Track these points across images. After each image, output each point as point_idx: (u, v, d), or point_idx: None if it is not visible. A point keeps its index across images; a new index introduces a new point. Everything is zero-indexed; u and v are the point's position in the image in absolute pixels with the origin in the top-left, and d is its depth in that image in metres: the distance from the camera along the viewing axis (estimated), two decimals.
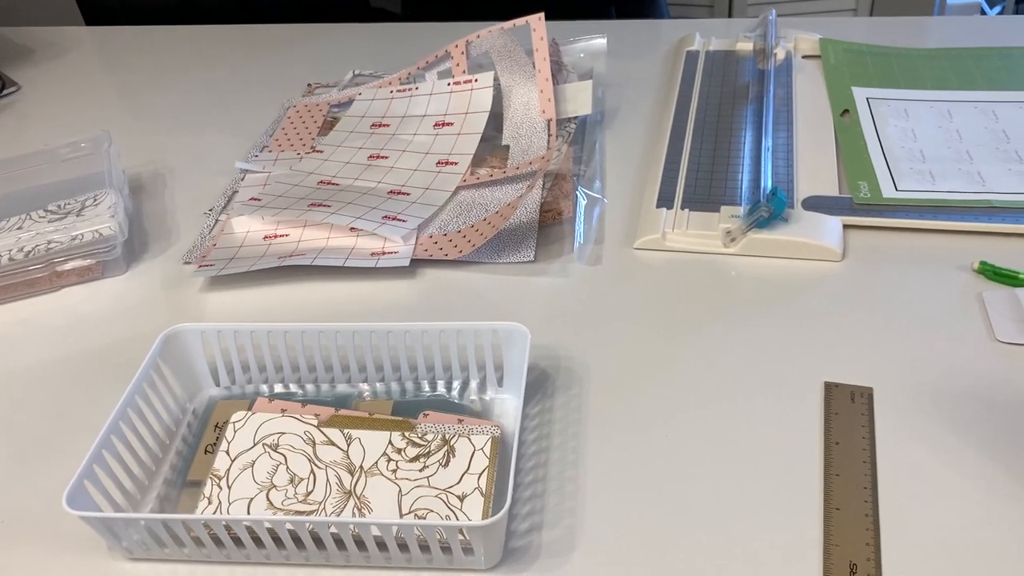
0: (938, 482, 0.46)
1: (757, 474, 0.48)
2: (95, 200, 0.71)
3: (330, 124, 0.86)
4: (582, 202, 0.72)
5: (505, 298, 0.63)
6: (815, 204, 0.67)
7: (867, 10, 1.82)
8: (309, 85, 0.95)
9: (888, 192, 0.67)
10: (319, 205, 0.72)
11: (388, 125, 0.83)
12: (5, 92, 1.00)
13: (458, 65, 0.83)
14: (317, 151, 0.82)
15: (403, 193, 0.74)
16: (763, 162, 0.71)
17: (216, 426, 0.53)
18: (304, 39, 1.06)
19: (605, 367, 0.56)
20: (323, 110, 0.88)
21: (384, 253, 0.67)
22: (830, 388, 0.52)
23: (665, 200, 0.69)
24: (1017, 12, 2.61)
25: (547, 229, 0.70)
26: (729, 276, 0.63)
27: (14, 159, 0.76)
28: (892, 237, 0.65)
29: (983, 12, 2.38)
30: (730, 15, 1.84)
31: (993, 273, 0.59)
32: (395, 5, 1.57)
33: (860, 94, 0.81)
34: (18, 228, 0.69)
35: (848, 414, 0.50)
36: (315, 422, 0.51)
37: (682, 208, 0.68)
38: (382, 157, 0.79)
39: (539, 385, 0.55)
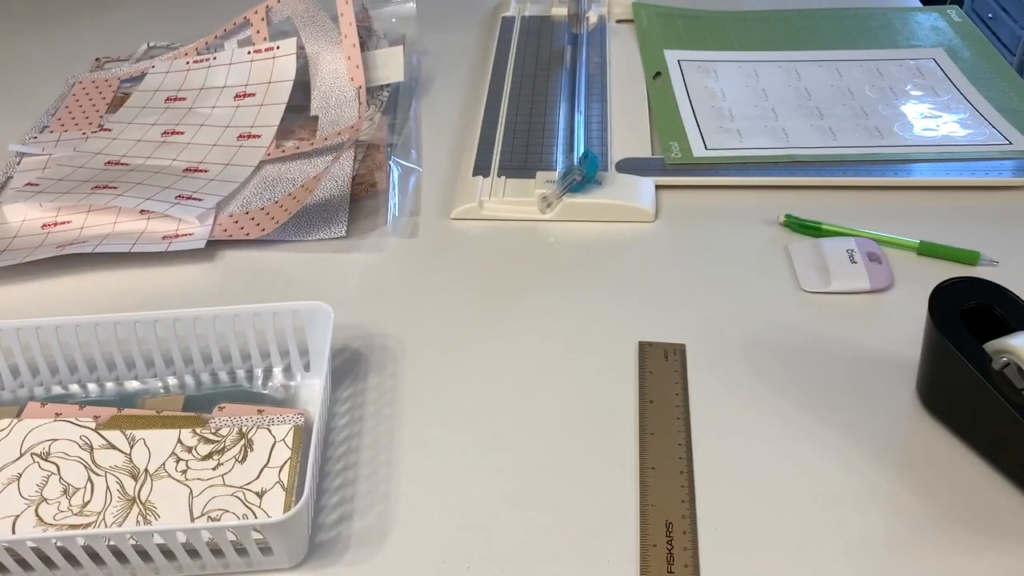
0: (748, 432, 0.47)
1: (575, 440, 0.47)
2: None
3: (120, 100, 0.79)
4: (396, 173, 0.69)
5: (315, 277, 0.59)
6: (628, 166, 0.67)
7: None
8: (97, 59, 0.86)
9: (698, 151, 0.68)
10: (105, 187, 0.65)
11: (184, 99, 0.76)
12: None
13: (258, 32, 0.78)
14: (105, 129, 0.74)
15: (201, 170, 0.68)
16: (577, 127, 0.70)
17: None
18: (92, 8, 0.96)
19: (422, 344, 0.54)
20: (113, 85, 0.81)
21: (178, 236, 0.61)
22: (644, 347, 0.52)
23: (481, 168, 0.67)
24: None
25: (360, 203, 0.66)
26: (547, 242, 0.62)
27: None
28: (703, 195, 0.65)
29: None
30: None
31: (798, 225, 0.61)
32: None
33: (672, 56, 0.81)
34: None
35: (662, 372, 0.50)
36: (93, 425, 0.46)
37: (499, 176, 0.66)
38: (178, 133, 0.73)
39: (351, 367, 0.52)
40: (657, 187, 0.65)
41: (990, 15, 2.34)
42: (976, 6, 2.47)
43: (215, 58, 0.78)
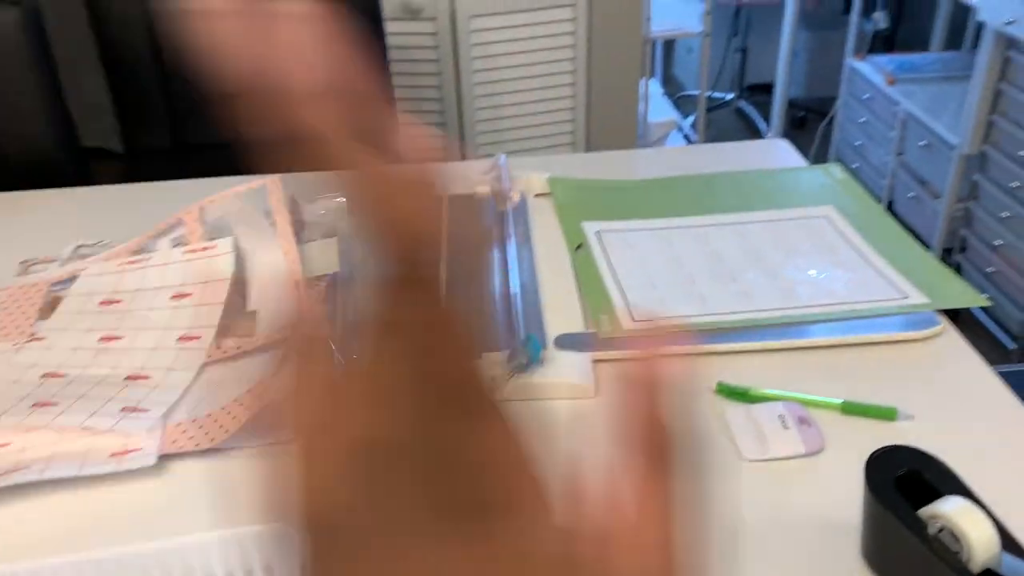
0: None
1: None
2: None
3: (52, 305, 0.78)
4: (341, 365, 0.70)
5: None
6: (566, 342, 0.70)
7: (583, 146, 2.00)
8: (23, 262, 0.86)
9: (627, 323, 0.72)
10: (45, 404, 0.64)
11: (120, 301, 0.77)
12: None
13: (193, 232, 0.80)
14: (38, 338, 0.73)
15: (143, 377, 0.68)
16: (513, 306, 0.73)
17: None
18: (12, 209, 0.97)
19: None
20: (42, 290, 0.80)
21: (126, 452, 0.61)
22: None
23: None
24: (716, 115, 2.98)
25: None
26: None
27: None
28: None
29: (679, 127, 2.69)
30: (463, 158, 1.94)
31: (729, 392, 0.65)
32: (115, 143, 1.48)
33: (590, 228, 0.87)
34: None
35: None
36: None
37: None
38: (116, 338, 0.73)
39: None
40: (594, 360, 0.69)
41: (855, 165, 2.56)
42: (841, 156, 2.70)
43: (149, 258, 0.79)
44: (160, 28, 1.37)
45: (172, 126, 1.42)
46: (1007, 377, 0.67)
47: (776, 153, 1.03)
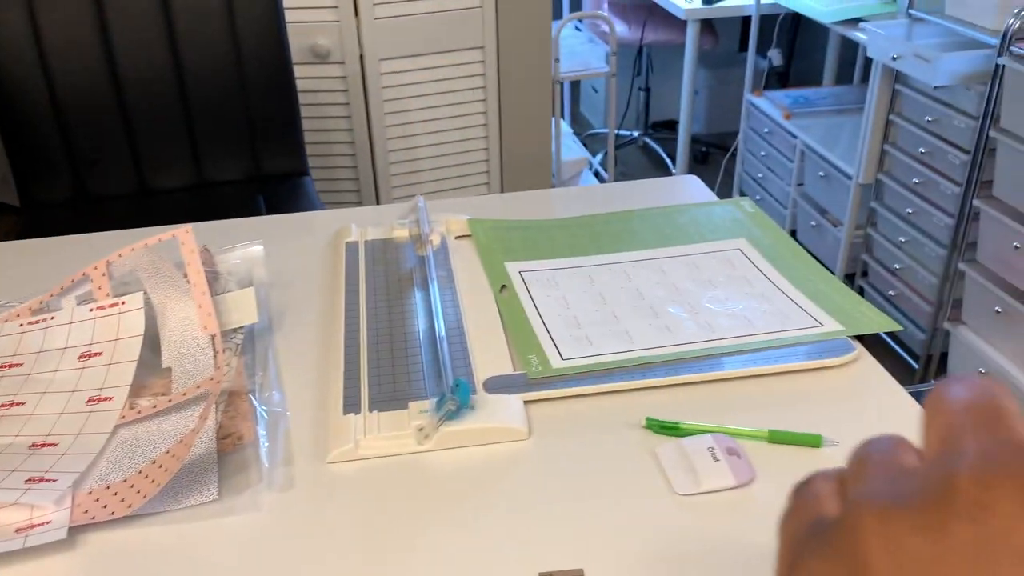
0: None
1: None
2: None
3: None
4: (263, 420, 0.68)
5: (189, 553, 0.56)
6: (495, 385, 0.69)
7: (498, 187, 2.02)
8: None
9: (555, 363, 0.72)
10: None
11: (21, 364, 0.73)
12: None
13: (100, 288, 0.76)
14: None
15: (49, 444, 0.64)
16: (440, 351, 0.72)
17: None
18: None
19: None
20: None
21: (33, 526, 0.57)
22: None
23: (351, 404, 0.68)
24: (624, 151, 3.05)
25: (228, 457, 0.64)
26: (428, 474, 0.62)
27: None
28: (568, 405, 0.69)
29: (590, 164, 2.75)
30: (378, 202, 1.93)
31: (659, 427, 0.65)
32: (10, 196, 1.42)
33: (513, 268, 0.87)
34: None
35: None
36: None
37: (370, 410, 0.67)
38: (18, 404, 0.69)
39: None
40: (525, 402, 0.68)
41: (757, 197, 2.66)
42: (744, 188, 2.80)
43: (53, 317, 0.75)
44: (59, 75, 1.32)
45: (73, 177, 1.37)
46: (916, 397, 0.69)
47: (687, 188, 1.06)
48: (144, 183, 1.39)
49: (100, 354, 0.72)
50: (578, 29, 2.91)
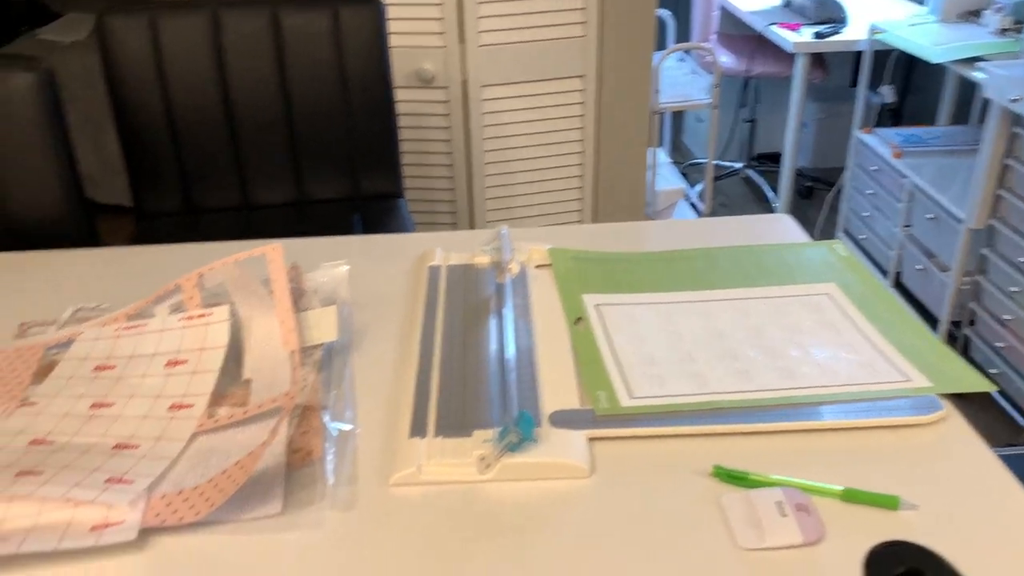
0: None
1: None
2: None
3: (47, 368, 0.78)
4: (333, 437, 0.69)
5: (250, 563, 0.58)
6: (561, 419, 0.69)
7: (591, 214, 2.01)
8: (22, 324, 0.86)
9: (624, 401, 0.71)
10: (28, 473, 0.63)
11: (114, 367, 0.76)
12: None
13: (191, 299, 0.79)
14: (29, 403, 0.73)
15: (131, 446, 0.67)
16: (508, 382, 0.72)
17: None
18: (15, 269, 0.97)
19: None
20: (37, 353, 0.80)
21: (107, 525, 0.59)
22: None
23: (418, 429, 0.68)
24: (724, 183, 3.00)
25: (296, 472, 0.66)
26: (486, 505, 0.62)
27: None
28: (634, 445, 0.67)
29: (686, 195, 2.71)
30: (471, 225, 1.95)
31: (727, 476, 0.63)
32: (126, 199, 1.50)
33: (590, 301, 0.86)
34: None
35: None
36: None
37: (436, 435, 0.67)
38: (107, 405, 0.72)
39: None
40: (590, 439, 0.67)
41: (862, 236, 2.57)
42: (849, 226, 2.71)
43: (146, 325, 0.79)
44: (176, 93, 1.40)
45: (182, 189, 1.44)
46: (1019, 459, 0.65)
47: (780, 228, 1.03)
48: (247, 198, 1.45)
49: (186, 362, 0.75)
50: (682, 60, 2.89)
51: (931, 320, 2.29)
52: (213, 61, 1.38)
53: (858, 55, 2.84)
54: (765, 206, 3.17)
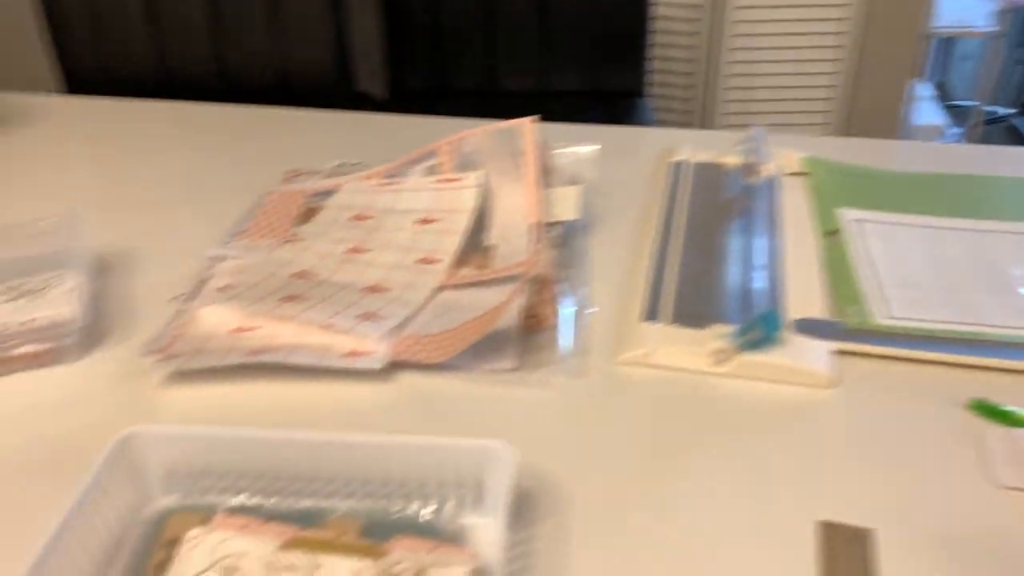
0: None
1: None
2: (56, 280, 0.68)
3: (309, 213, 0.84)
4: (566, 310, 0.70)
5: (483, 408, 0.60)
6: (806, 327, 0.66)
7: (837, 129, 1.88)
8: (288, 172, 0.93)
9: (880, 318, 0.66)
10: (293, 299, 0.69)
11: (370, 218, 0.81)
12: None
13: (445, 162, 0.82)
14: (294, 241, 0.79)
15: (382, 290, 0.71)
16: (753, 281, 0.70)
17: (168, 542, 0.48)
18: (285, 123, 1.04)
19: (589, 493, 0.53)
20: (302, 198, 0.86)
21: (359, 354, 0.64)
22: (826, 529, 0.49)
23: (651, 314, 0.67)
24: (987, 130, 2.71)
25: (527, 336, 0.67)
26: (717, 398, 0.61)
27: None
28: (884, 365, 0.63)
29: (942, 133, 2.47)
30: (703, 127, 1.88)
31: (988, 411, 0.58)
32: (380, 89, 1.57)
33: (846, 215, 0.81)
34: None
35: (847, 559, 0.47)
36: (277, 543, 0.47)
37: (670, 323, 0.66)
38: (362, 251, 0.77)
39: (517, 510, 0.52)
40: (835, 352, 0.64)
41: None
42: None
43: (402, 183, 0.82)
44: None
45: (435, 70, 1.48)
46: None
47: None
48: (493, 82, 1.47)
49: (436, 221, 0.78)
50: None
51: None
52: None
53: None
54: None
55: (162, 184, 0.91)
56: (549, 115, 1.03)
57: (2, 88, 1.22)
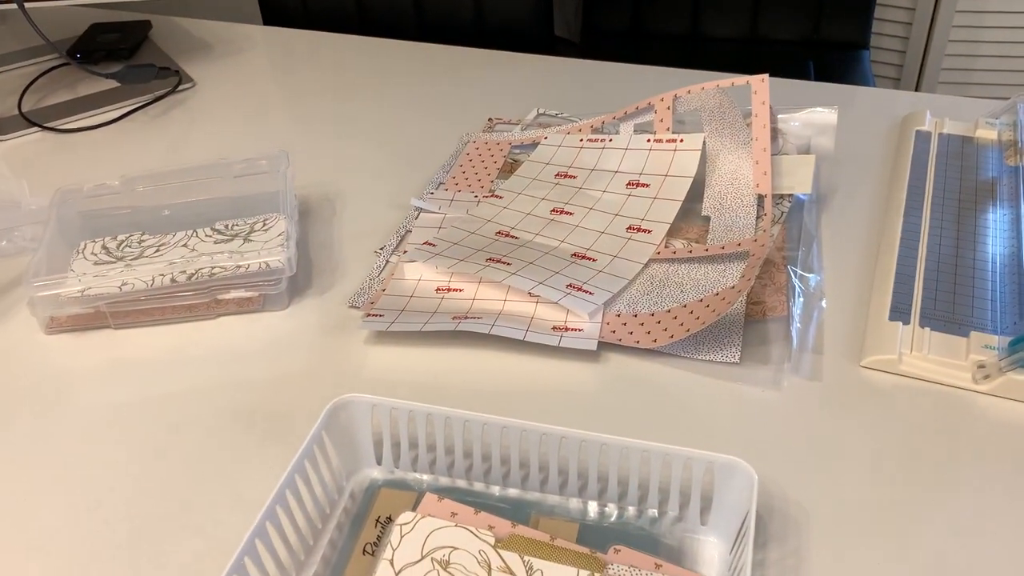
0: None
1: None
2: (265, 225, 0.67)
3: (511, 167, 0.80)
4: (799, 299, 0.63)
5: (703, 405, 0.55)
6: None
7: None
8: (490, 120, 0.89)
9: None
10: (497, 260, 0.65)
11: (575, 177, 0.76)
12: (181, 87, 0.98)
13: (662, 121, 0.75)
14: (496, 195, 0.75)
15: (588, 258, 0.67)
16: (1020, 284, 0.60)
17: (377, 521, 0.46)
18: (483, 65, 1.00)
19: (828, 516, 0.47)
20: (504, 150, 0.82)
21: (567, 329, 0.59)
22: None
23: (899, 313, 0.59)
24: None
25: (751, 325, 0.61)
26: (978, 419, 0.53)
27: (188, 169, 0.72)
28: None
29: None
30: (917, 88, 1.70)
31: None
32: (575, 35, 1.51)
33: None
34: (183, 245, 0.65)
35: None
36: (491, 540, 0.44)
37: (921, 326, 0.58)
38: (566, 212, 0.72)
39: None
40: None
41: None
42: None
43: (611, 140, 0.77)
44: None
45: (633, 10, 1.40)
46: None
47: None
48: (697, 27, 1.37)
49: (647, 186, 0.72)
50: None
51: None
52: None
53: None
54: None
55: (359, 123, 0.89)
56: (757, 65, 0.94)
57: (207, 16, 1.23)
